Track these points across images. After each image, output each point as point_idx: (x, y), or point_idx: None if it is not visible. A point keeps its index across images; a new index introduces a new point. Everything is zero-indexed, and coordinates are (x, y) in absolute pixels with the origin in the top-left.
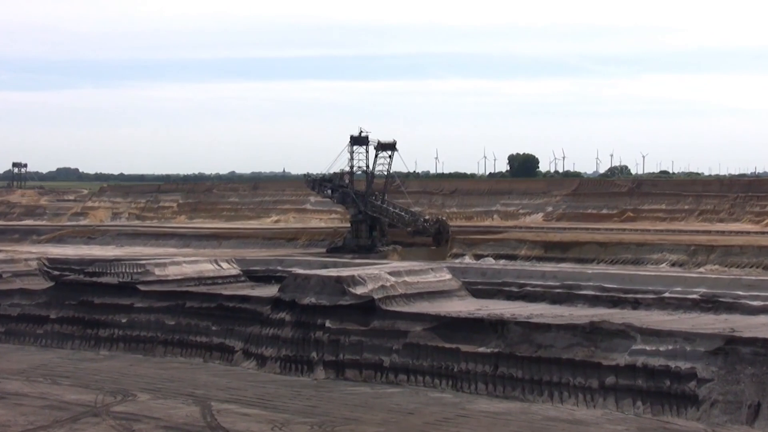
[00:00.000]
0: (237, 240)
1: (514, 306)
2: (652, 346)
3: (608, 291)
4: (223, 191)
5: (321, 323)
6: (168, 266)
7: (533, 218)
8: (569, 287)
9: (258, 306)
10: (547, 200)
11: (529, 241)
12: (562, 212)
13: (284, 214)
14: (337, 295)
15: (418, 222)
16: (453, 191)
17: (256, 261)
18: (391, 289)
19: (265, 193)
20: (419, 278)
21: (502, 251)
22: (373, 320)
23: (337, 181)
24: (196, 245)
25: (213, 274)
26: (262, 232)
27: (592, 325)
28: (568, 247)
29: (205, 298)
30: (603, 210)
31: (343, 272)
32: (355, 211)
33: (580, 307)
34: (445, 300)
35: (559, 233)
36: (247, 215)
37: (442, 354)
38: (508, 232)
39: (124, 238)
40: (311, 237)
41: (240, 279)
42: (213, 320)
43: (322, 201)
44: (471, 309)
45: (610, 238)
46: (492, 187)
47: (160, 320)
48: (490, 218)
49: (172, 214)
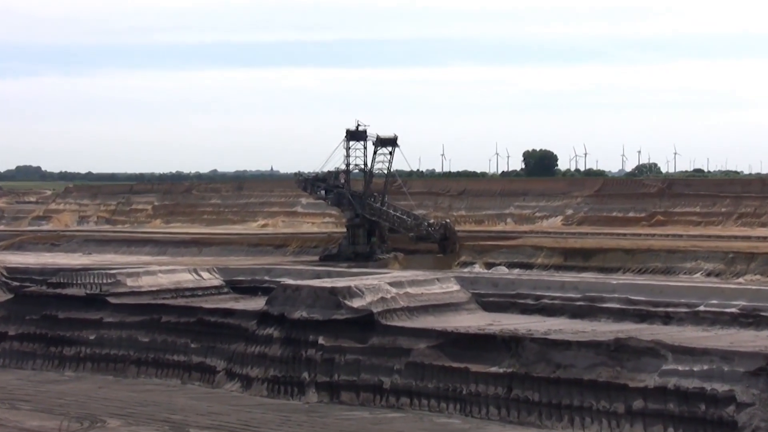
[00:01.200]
0: (219, 247)
1: (530, 320)
2: (686, 366)
3: (636, 304)
4: (204, 192)
5: (313, 340)
6: (142, 276)
7: (551, 222)
8: (592, 300)
9: (243, 321)
10: (566, 202)
11: (547, 248)
12: (583, 215)
13: (272, 218)
14: (331, 308)
15: (422, 226)
16: (461, 192)
17: (240, 270)
18: (391, 302)
19: (250, 194)
20: (423, 289)
21: (517, 259)
22: (372, 337)
23: (332, 181)
24: (174, 252)
25: (192, 285)
26: (247, 237)
27: (618, 343)
28: (591, 255)
29: (184, 311)
30: (630, 213)
31: (338, 283)
32: (351, 214)
33: (603, 321)
34: (453, 314)
35: (580, 239)
36: (230, 219)
37: (449, 374)
38: (523, 237)
39: (93, 245)
40: (302, 243)
41: (222, 291)
42: (192, 337)
43: (314, 203)
44: (481, 324)
45: (637, 245)
46: (505, 188)
47: (133, 337)
48: (502, 222)
49: (146, 218)
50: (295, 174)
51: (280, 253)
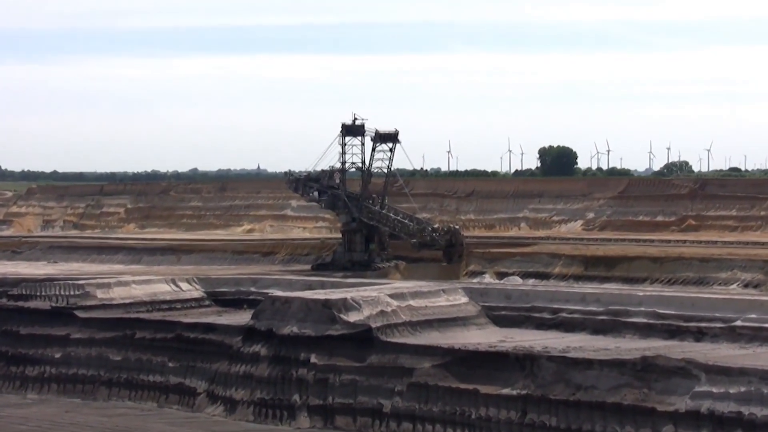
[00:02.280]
0: (200, 254)
1: (547, 337)
2: (720, 388)
3: (664, 318)
4: (183, 193)
5: (305, 358)
6: (113, 287)
7: (570, 227)
8: (615, 314)
9: (226, 337)
10: (587, 204)
11: (566, 256)
12: (606, 219)
13: (259, 222)
14: (324, 323)
15: (425, 232)
16: (470, 193)
17: (223, 281)
18: (392, 316)
19: (234, 195)
20: (428, 302)
21: (532, 268)
22: (371, 354)
23: (326, 181)
24: (149, 261)
25: (170, 297)
26: (231, 244)
27: (645, 361)
28: (614, 263)
29: (160, 327)
30: (658, 217)
31: (333, 295)
32: (347, 218)
33: (629, 338)
34: (460, 329)
35: (602, 246)
36: (212, 223)
37: (456, 397)
38: (538, 244)
39: (59, 252)
40: (293, 250)
41: (204, 303)
42: (170, 355)
43: (306, 205)
44: (492, 340)
45: (666, 253)
46: (519, 188)
47: (104, 355)
48: (516, 227)
49: (118, 222)
50: (284, 173)
51: (267, 262)
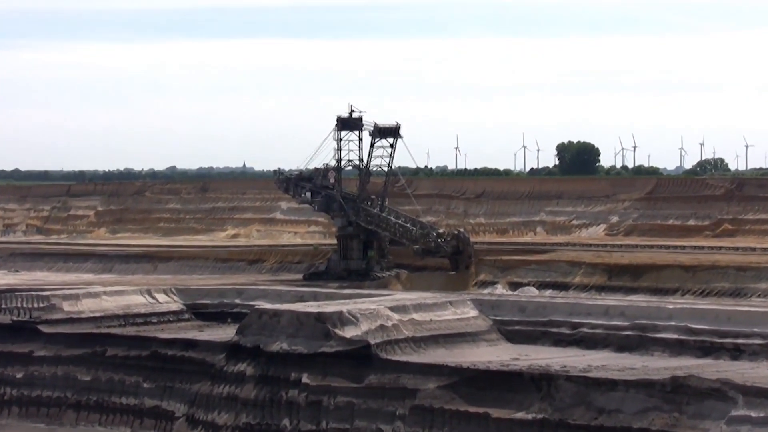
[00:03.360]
0: (179, 262)
1: (566, 354)
2: (760, 412)
3: (697, 334)
4: (160, 194)
5: (296, 378)
6: (82, 299)
7: (592, 232)
8: (642, 328)
9: (208, 354)
10: (611, 207)
11: (587, 264)
12: (632, 223)
13: (245, 227)
14: (318, 338)
15: (430, 237)
16: (480, 194)
17: (205, 292)
18: (393, 331)
19: (217, 196)
20: (433, 315)
21: (549, 278)
22: (369, 374)
23: (319, 181)
24: (122, 269)
25: (145, 309)
26: (213, 251)
27: (675, 382)
28: (641, 273)
29: (134, 343)
30: (690, 220)
31: (327, 307)
32: (343, 221)
33: (657, 356)
34: (469, 345)
35: (628, 253)
36: (192, 228)
37: (464, 421)
38: (556, 251)
39: (20, 260)
40: (282, 258)
41: (183, 317)
42: (145, 375)
43: (297, 208)
44: (505, 358)
45: (699, 260)
46: (534, 189)
47: (71, 375)
48: (531, 232)
49: (87, 226)
50: (273, 172)
51: (254, 271)
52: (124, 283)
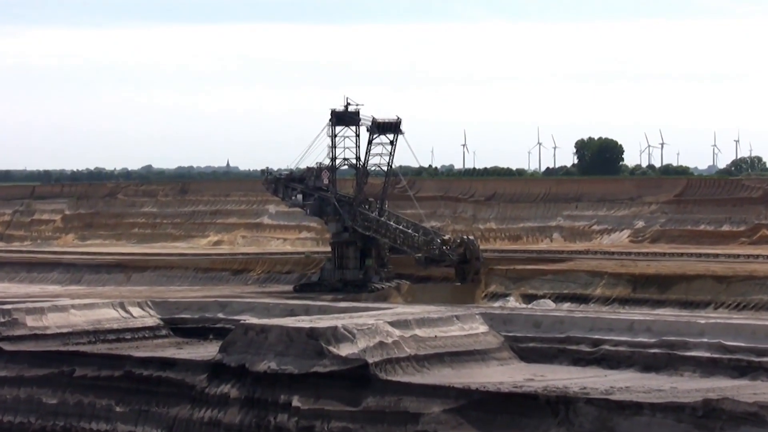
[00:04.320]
0: (155, 272)
1: (585, 375)
2: None
3: (732, 352)
4: (134, 197)
5: (285, 401)
6: (47, 313)
7: (615, 238)
8: (671, 346)
9: (188, 375)
10: (636, 210)
11: (609, 274)
12: (659, 229)
13: (229, 232)
14: (310, 357)
15: (434, 244)
16: (490, 197)
17: (184, 305)
18: (394, 349)
19: (198, 199)
20: (438, 331)
21: (567, 289)
22: (367, 396)
23: (312, 181)
24: (92, 280)
25: (118, 325)
26: (193, 260)
27: (708, 406)
28: (670, 284)
29: (106, 362)
30: (723, 226)
31: (320, 322)
32: (338, 227)
33: (687, 376)
34: (478, 365)
35: (654, 261)
36: (170, 234)
37: None
38: (575, 259)
39: None
40: (270, 267)
41: (159, 333)
42: (118, 397)
43: (287, 212)
44: (518, 379)
45: (734, 270)
46: (551, 191)
47: (35, 397)
48: (547, 238)
49: (53, 232)
50: (261, 172)
51: (239, 281)
52: (94, 296)
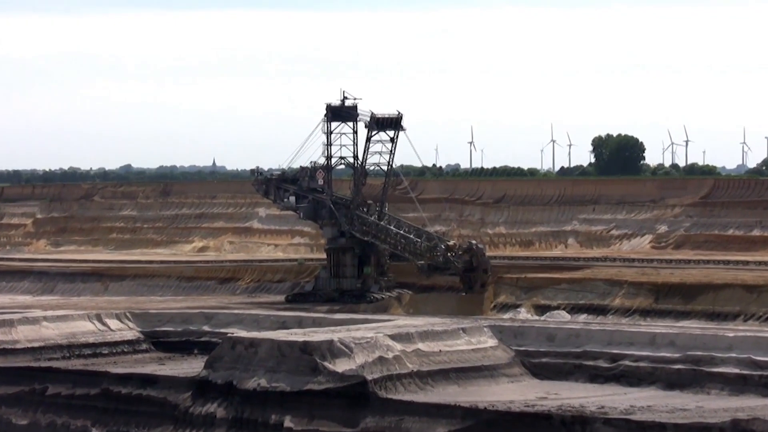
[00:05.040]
0: (134, 281)
1: (603, 393)
2: None
3: (762, 367)
4: (112, 199)
5: (277, 422)
6: (17, 326)
7: (635, 244)
8: (696, 361)
9: (170, 393)
10: (658, 214)
11: (629, 283)
12: (683, 234)
13: (215, 238)
14: (304, 373)
15: (437, 250)
16: (499, 199)
17: (167, 317)
18: (395, 364)
19: (182, 201)
20: (442, 345)
21: (583, 300)
22: (366, 416)
23: (306, 182)
24: (66, 290)
25: (94, 338)
26: (176, 268)
27: (737, 426)
28: (695, 293)
29: (81, 379)
30: (754, 231)
31: (315, 335)
32: (334, 231)
33: (714, 394)
34: (487, 382)
35: (678, 269)
36: (151, 239)
37: None
38: (592, 267)
39: None
40: (260, 276)
41: (140, 347)
42: (94, 418)
43: (278, 215)
44: (530, 397)
45: (765, 279)
46: (565, 192)
47: (4, 418)
48: (561, 244)
49: (24, 238)
50: (251, 172)
51: (226, 291)
52: (68, 307)
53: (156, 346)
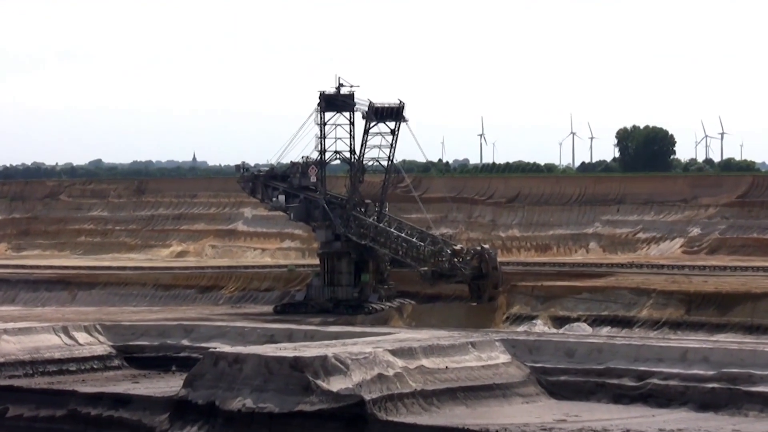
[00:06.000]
0: (105, 290)
1: (629, 415)
2: None
3: None
4: (80, 198)
5: None
6: None
7: (665, 249)
8: (733, 379)
9: (145, 415)
10: (690, 215)
11: (658, 292)
12: (718, 237)
13: (195, 241)
14: (294, 393)
15: (443, 255)
16: (512, 198)
17: (141, 329)
18: (396, 382)
19: (159, 201)
20: (449, 361)
21: (606, 311)
22: None
23: (296, 180)
24: (29, 299)
25: (60, 354)
26: (152, 275)
27: None
28: (732, 304)
29: (46, 399)
30: None
31: (307, 351)
32: (328, 234)
33: (753, 417)
34: (499, 402)
35: (713, 277)
36: (124, 243)
37: None
38: (616, 275)
39: None
40: (246, 284)
41: (111, 363)
42: None
43: (266, 216)
44: (547, 420)
45: None
46: (586, 191)
47: None
48: (582, 248)
49: None
50: (236, 168)
51: (208, 301)
52: (31, 318)
53: (129, 362)
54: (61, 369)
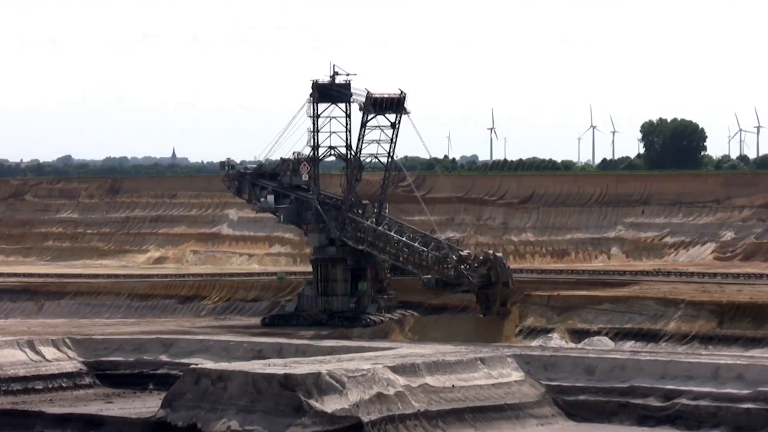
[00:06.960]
0: (76, 300)
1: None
2: None
3: None
4: (47, 198)
5: None
6: None
7: (694, 254)
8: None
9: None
10: (723, 217)
11: (687, 303)
12: (754, 242)
13: (175, 245)
14: (285, 413)
15: (448, 262)
16: (526, 198)
17: (115, 344)
18: (397, 402)
19: (135, 201)
20: (456, 378)
21: (629, 324)
22: None
23: (287, 178)
24: None
25: (26, 371)
26: (128, 283)
27: None
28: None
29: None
30: None
31: (299, 368)
32: (322, 238)
33: None
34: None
35: (748, 286)
36: (96, 248)
37: None
38: (640, 283)
39: None
40: (231, 294)
41: (82, 381)
42: None
43: (253, 218)
44: None
45: None
46: (608, 190)
47: None
48: (603, 254)
49: None
50: (220, 165)
51: (189, 312)
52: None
53: (102, 379)
54: (27, 387)
